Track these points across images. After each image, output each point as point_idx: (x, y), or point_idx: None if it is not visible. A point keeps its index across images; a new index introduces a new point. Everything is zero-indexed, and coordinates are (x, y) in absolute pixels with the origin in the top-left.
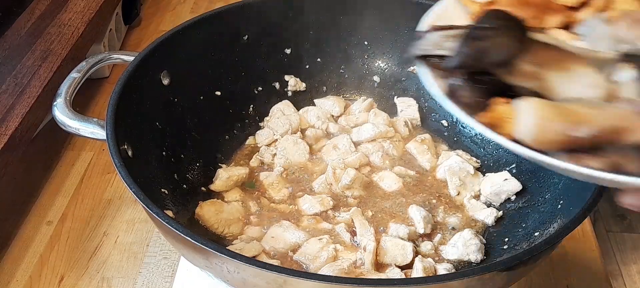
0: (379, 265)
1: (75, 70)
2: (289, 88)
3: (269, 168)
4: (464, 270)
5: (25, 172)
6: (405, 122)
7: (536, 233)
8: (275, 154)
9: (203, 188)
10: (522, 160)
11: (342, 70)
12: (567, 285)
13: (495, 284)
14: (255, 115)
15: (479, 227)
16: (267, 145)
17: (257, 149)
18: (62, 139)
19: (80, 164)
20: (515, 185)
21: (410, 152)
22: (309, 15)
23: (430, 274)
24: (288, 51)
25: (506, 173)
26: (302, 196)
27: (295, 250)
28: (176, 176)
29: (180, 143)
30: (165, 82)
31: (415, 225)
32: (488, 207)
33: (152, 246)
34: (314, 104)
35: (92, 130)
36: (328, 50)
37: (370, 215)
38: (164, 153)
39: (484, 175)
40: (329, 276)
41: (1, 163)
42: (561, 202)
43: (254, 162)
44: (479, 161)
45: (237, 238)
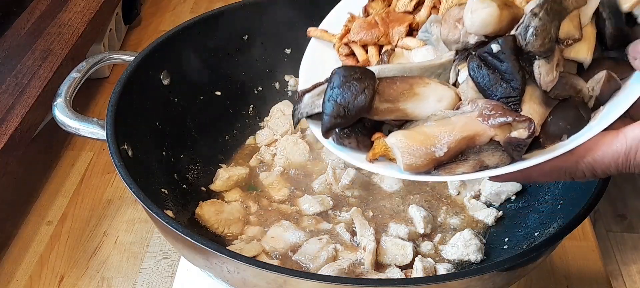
0: (378, 265)
1: (75, 70)
2: (289, 88)
3: (269, 168)
4: (464, 270)
5: (25, 172)
6: None
7: (536, 234)
8: (275, 154)
9: (203, 188)
10: None
11: None
12: (567, 285)
13: (495, 284)
14: (255, 115)
15: (480, 228)
16: (267, 145)
17: (257, 149)
18: (62, 139)
19: (80, 164)
20: (515, 186)
21: None
22: (309, 15)
23: (430, 274)
24: (288, 51)
25: None
26: (302, 196)
27: (295, 250)
28: (176, 176)
29: (180, 143)
30: (165, 82)
31: (415, 225)
32: (488, 207)
33: (152, 246)
34: None
35: (92, 130)
36: None
37: (370, 215)
38: (164, 153)
39: None
40: (329, 276)
41: (1, 163)
42: (561, 202)
43: (254, 162)
44: None
45: (237, 238)
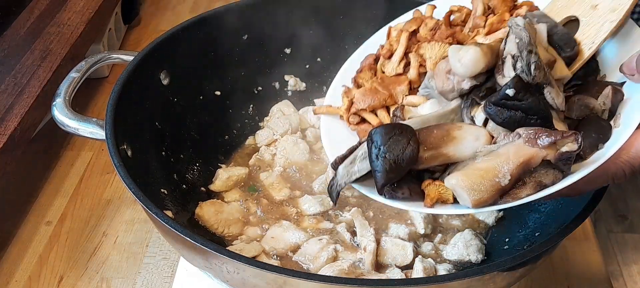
0: (379, 266)
1: (75, 69)
2: (289, 88)
3: (269, 168)
4: (464, 271)
5: (24, 172)
6: None
7: (537, 234)
8: (275, 154)
9: (203, 189)
10: None
11: None
12: (567, 286)
13: (495, 285)
14: (255, 115)
15: (482, 228)
16: (267, 145)
17: (257, 149)
18: (62, 138)
19: (80, 164)
20: None
21: None
22: (309, 15)
23: (431, 274)
24: (288, 51)
25: None
26: (302, 196)
27: (295, 250)
28: (176, 176)
29: (180, 143)
30: (165, 81)
31: (415, 226)
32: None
33: (152, 246)
34: (314, 104)
35: (91, 130)
36: (328, 50)
37: (371, 216)
38: (164, 153)
39: None
40: (329, 276)
41: (0, 163)
42: (562, 202)
43: (254, 162)
44: None
45: (236, 239)
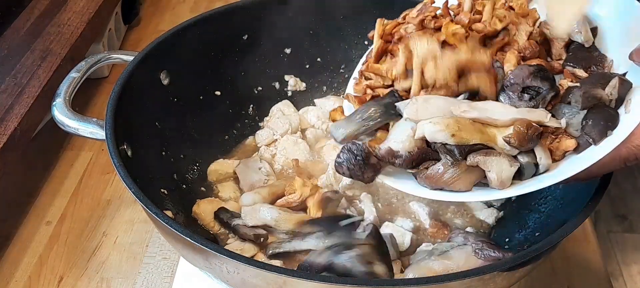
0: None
1: (75, 70)
2: (289, 88)
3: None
4: (464, 271)
5: (24, 172)
6: None
7: (537, 234)
8: (275, 154)
9: (202, 189)
10: None
11: (342, 70)
12: (567, 286)
13: (495, 285)
14: (255, 115)
15: (485, 228)
16: (266, 145)
17: (257, 149)
18: (62, 139)
19: (80, 164)
20: None
21: None
22: (309, 15)
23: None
24: (288, 51)
25: None
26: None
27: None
28: (176, 176)
29: (180, 143)
30: (165, 81)
31: (421, 221)
32: (489, 207)
33: (152, 246)
34: (314, 104)
35: (91, 130)
36: (328, 50)
37: (379, 207)
38: (164, 153)
39: None
40: (329, 276)
41: (0, 163)
42: (562, 202)
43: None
44: None
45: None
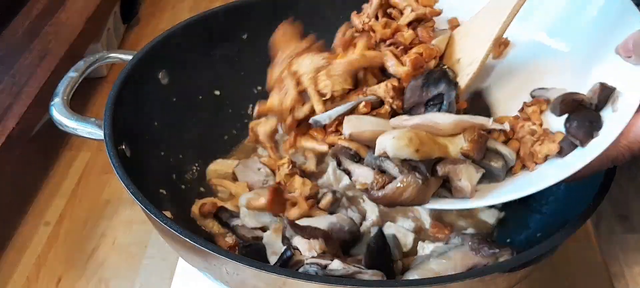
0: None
1: (73, 69)
2: None
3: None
4: (465, 272)
5: (22, 172)
6: None
7: (538, 235)
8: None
9: (202, 189)
10: None
11: None
12: (569, 287)
13: (496, 286)
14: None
15: (488, 229)
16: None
17: (256, 149)
18: (60, 138)
19: (78, 164)
20: None
21: None
22: (309, 15)
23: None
24: None
25: None
26: None
27: None
28: (174, 176)
29: (179, 143)
30: (164, 81)
31: (422, 221)
32: (490, 208)
33: (151, 247)
34: None
35: (89, 130)
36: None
37: (381, 208)
38: (162, 153)
39: None
40: (329, 277)
41: None
42: (563, 203)
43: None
44: None
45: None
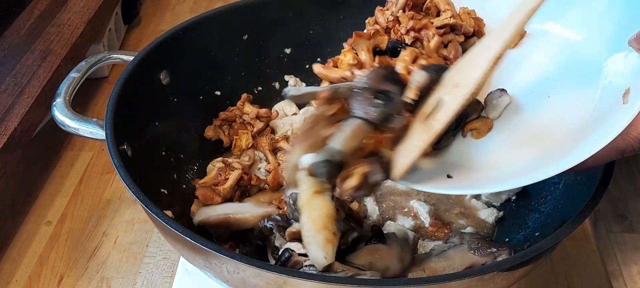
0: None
1: (75, 70)
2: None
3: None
4: (464, 271)
5: (24, 172)
6: None
7: (536, 234)
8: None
9: None
10: None
11: None
12: (567, 286)
13: (495, 285)
14: None
15: (487, 229)
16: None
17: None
18: (62, 138)
19: (80, 164)
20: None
21: None
22: (309, 15)
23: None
24: (288, 51)
25: None
26: None
27: None
28: (176, 176)
29: (180, 143)
30: (165, 81)
31: (421, 219)
32: (488, 207)
33: (152, 246)
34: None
35: (91, 130)
36: (328, 50)
37: (383, 207)
38: (164, 153)
39: None
40: (329, 276)
41: (0, 163)
42: (561, 202)
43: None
44: None
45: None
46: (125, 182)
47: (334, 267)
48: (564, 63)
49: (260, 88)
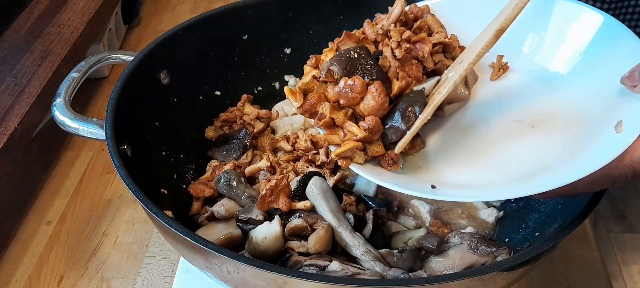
0: None
1: (75, 70)
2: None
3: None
4: (464, 271)
5: (24, 172)
6: None
7: (536, 234)
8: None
9: None
10: None
11: None
12: (567, 286)
13: (495, 284)
14: None
15: (488, 229)
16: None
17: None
18: (62, 138)
19: (80, 164)
20: None
21: None
22: (309, 15)
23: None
24: (288, 51)
25: None
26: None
27: None
28: (176, 176)
29: (180, 143)
30: (165, 81)
31: (422, 219)
32: (489, 207)
33: (152, 246)
34: None
35: (91, 130)
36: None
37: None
38: (164, 153)
39: None
40: (329, 276)
41: (0, 163)
42: (561, 202)
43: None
44: None
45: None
46: (125, 182)
47: None
48: (552, 98)
49: (260, 88)
